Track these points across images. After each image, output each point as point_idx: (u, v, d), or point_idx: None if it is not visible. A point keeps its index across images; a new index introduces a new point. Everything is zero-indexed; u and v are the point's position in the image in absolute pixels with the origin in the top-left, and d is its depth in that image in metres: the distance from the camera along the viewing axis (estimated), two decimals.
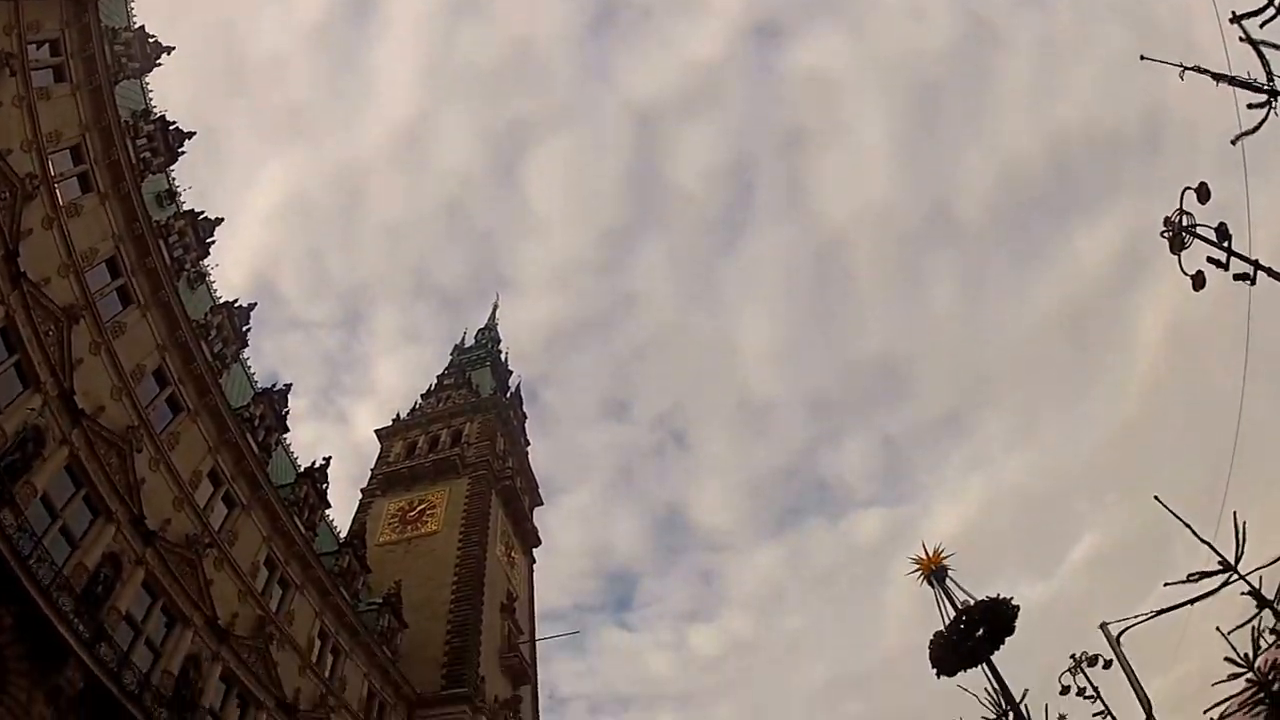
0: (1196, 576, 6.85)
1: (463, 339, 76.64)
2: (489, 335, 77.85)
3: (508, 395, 66.61)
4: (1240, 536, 6.79)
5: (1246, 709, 6.45)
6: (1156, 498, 7.74)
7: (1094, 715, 15.63)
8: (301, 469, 36.82)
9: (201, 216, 30.36)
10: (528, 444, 67.10)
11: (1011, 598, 11.65)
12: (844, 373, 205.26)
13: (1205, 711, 6.73)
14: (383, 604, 39.40)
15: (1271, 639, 6.57)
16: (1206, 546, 6.84)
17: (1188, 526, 7.10)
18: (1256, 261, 9.87)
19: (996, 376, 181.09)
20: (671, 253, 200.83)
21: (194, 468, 26.96)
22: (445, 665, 40.53)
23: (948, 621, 11.84)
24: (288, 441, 36.89)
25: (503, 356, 74.06)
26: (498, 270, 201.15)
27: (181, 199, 31.06)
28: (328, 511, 39.29)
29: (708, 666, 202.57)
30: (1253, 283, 10.81)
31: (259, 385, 35.54)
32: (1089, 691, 16.06)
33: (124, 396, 23.62)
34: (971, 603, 11.86)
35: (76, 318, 21.46)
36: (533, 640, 52.89)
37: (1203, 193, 8.55)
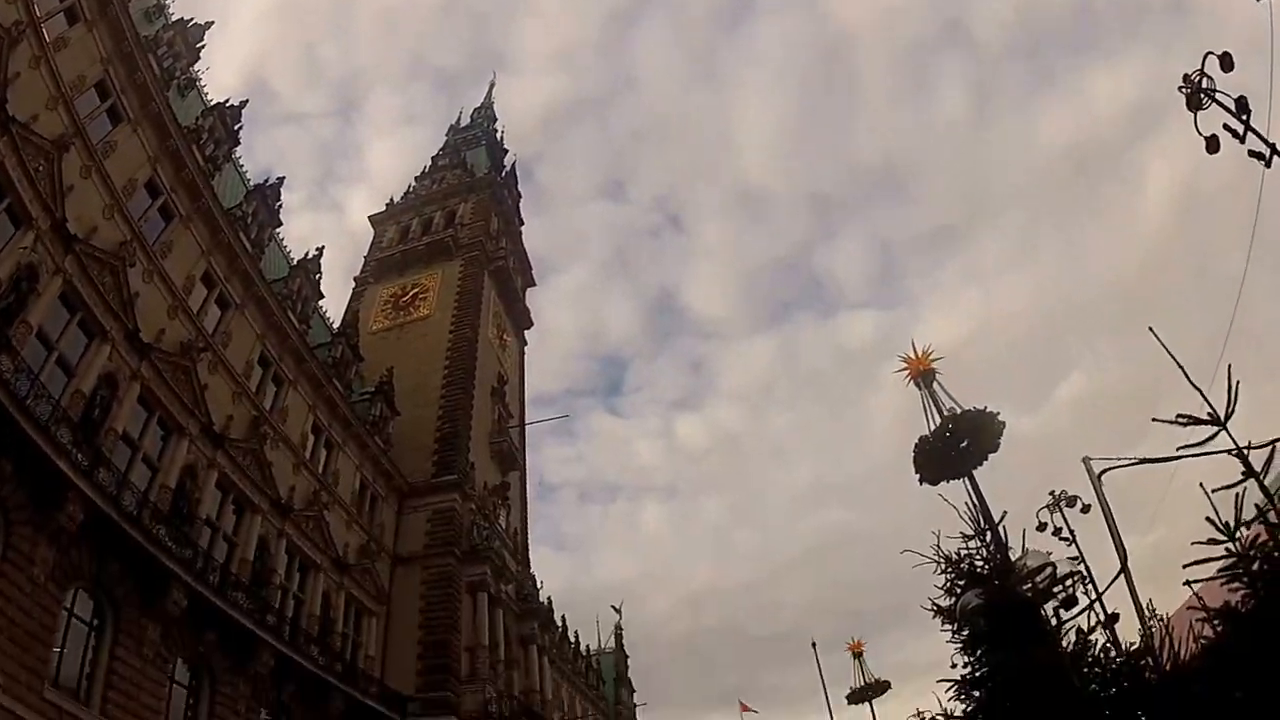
0: (1185, 420, 6.71)
1: (458, 119, 74.14)
2: (485, 115, 75.34)
3: (502, 175, 65.25)
4: (1233, 394, 6.66)
5: (1223, 582, 6.35)
6: (1151, 329, 7.49)
7: (1068, 558, 16.01)
8: (295, 262, 36.35)
9: (191, 23, 28.51)
10: (521, 224, 66.40)
11: (998, 413, 11.23)
12: (844, 171, 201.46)
13: (1185, 568, 6.67)
14: (375, 392, 39.84)
15: (1253, 513, 6.39)
16: (1199, 395, 6.73)
17: (1180, 367, 7.03)
18: (1274, 145, 9.67)
19: (999, 196, 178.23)
20: (675, 34, 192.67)
21: (187, 273, 26.45)
22: (435, 452, 41.33)
23: (933, 427, 11.56)
24: (281, 236, 36.24)
25: (498, 136, 72.02)
26: (495, 50, 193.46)
27: (170, 10, 29.07)
28: (321, 303, 39.11)
29: (694, 458, 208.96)
30: (1268, 165, 10.60)
31: (251, 183, 34.42)
32: (1065, 533, 16.49)
33: (115, 214, 22.75)
34: (959, 411, 11.51)
35: (66, 146, 20.44)
36: (522, 425, 53.95)
37: (1226, 61, 8.19)
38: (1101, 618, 10.50)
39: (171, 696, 21.27)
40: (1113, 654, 8.87)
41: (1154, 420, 6.95)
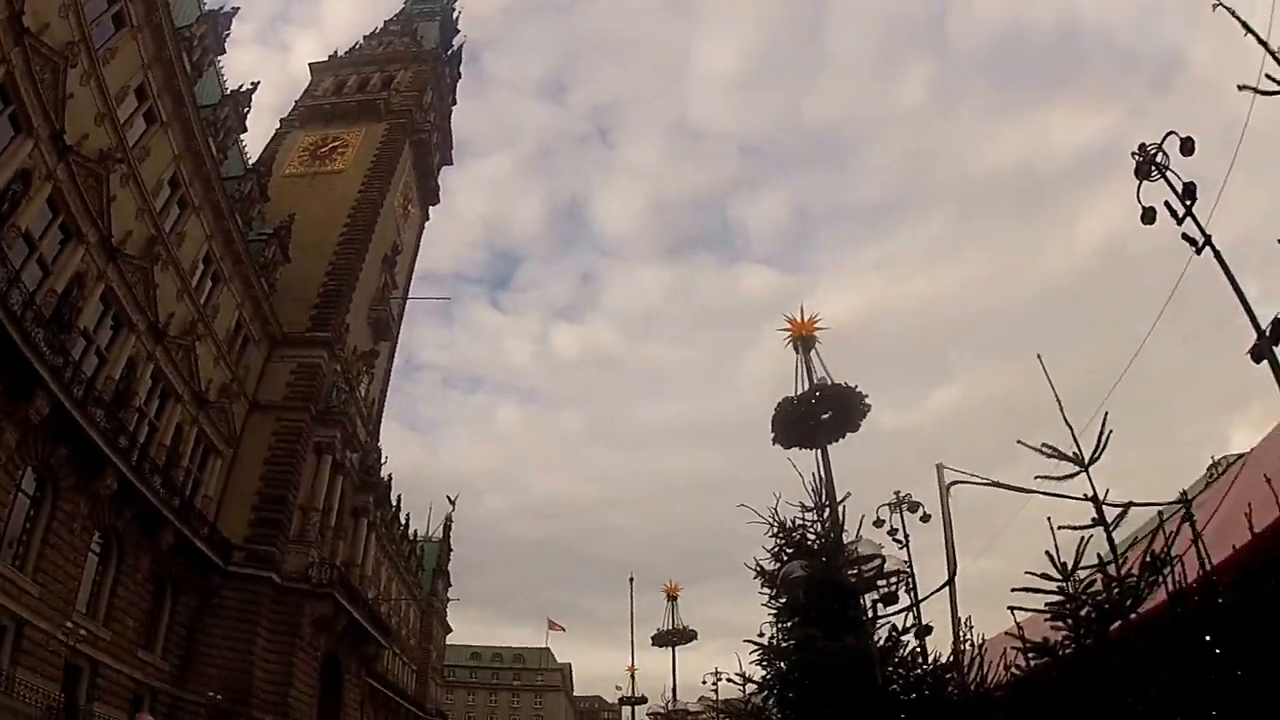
0: (1049, 451, 6.79)
1: None
2: None
3: (449, 52, 64.26)
4: (1103, 441, 6.72)
5: (1048, 618, 6.45)
6: (1039, 358, 7.60)
7: (898, 559, 15.79)
8: (228, 91, 35.56)
9: None
10: (454, 103, 65.58)
11: (866, 395, 11.19)
12: (786, 128, 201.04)
13: (1014, 592, 6.72)
14: (272, 235, 39.46)
15: (1094, 560, 6.49)
16: (1069, 433, 6.75)
17: (1058, 400, 6.99)
18: (1209, 236, 10.79)
19: (932, 194, 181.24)
20: None
21: (123, 83, 25.97)
22: (316, 307, 41.22)
23: (801, 392, 11.48)
24: (221, 64, 35.31)
25: (455, 15, 70.34)
26: None
27: None
28: (243, 137, 38.47)
29: (564, 369, 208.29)
30: (1198, 252, 11.88)
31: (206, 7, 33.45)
32: (900, 534, 16.66)
33: (70, 12, 22.29)
34: (828, 383, 11.46)
35: None
36: (405, 298, 54.12)
37: (1187, 146, 8.65)
38: (917, 624, 11.08)
39: (15, 504, 21.44)
40: (920, 661, 9.50)
41: (1019, 442, 6.98)
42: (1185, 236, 14.82)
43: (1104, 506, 6.44)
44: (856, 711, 8.41)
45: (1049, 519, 6.47)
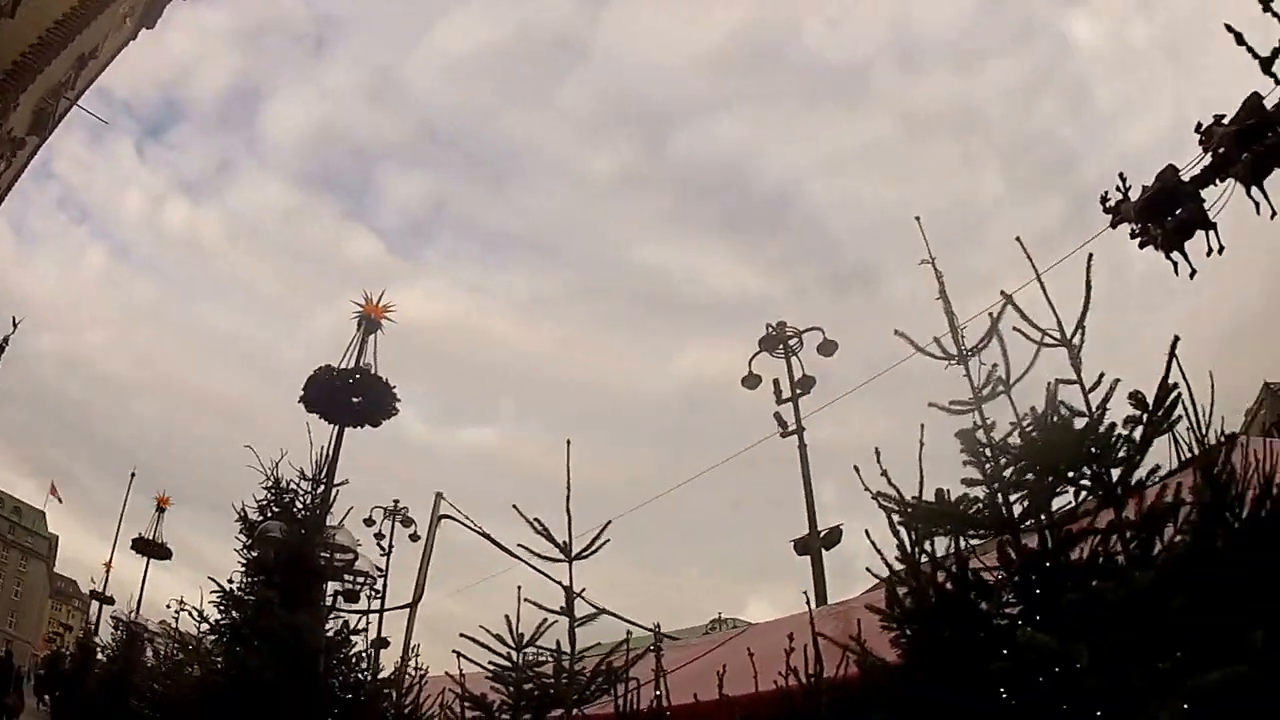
0: (539, 527, 6.95)
1: None
2: None
3: None
4: (595, 544, 7.02)
5: (490, 677, 6.68)
6: (569, 442, 7.60)
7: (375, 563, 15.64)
8: None
9: None
10: None
11: (399, 400, 11.22)
12: (480, 130, 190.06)
13: (460, 636, 6.75)
14: None
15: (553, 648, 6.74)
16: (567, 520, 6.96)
17: (568, 488, 6.98)
18: (803, 429, 11.99)
19: (561, 258, 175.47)
20: None
21: None
22: (6, 72, 37.65)
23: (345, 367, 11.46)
24: None
25: None
26: None
27: None
28: None
29: (163, 239, 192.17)
30: (782, 435, 13.81)
31: None
32: (386, 542, 17.10)
33: None
34: (371, 371, 11.49)
35: None
36: (74, 102, 49.68)
37: (827, 348, 10.25)
38: (378, 633, 11.42)
39: None
40: (365, 666, 9.67)
41: (514, 506, 7.08)
42: (777, 416, 16.81)
43: (575, 599, 6.91)
44: (292, 688, 8.54)
45: (519, 588, 6.76)
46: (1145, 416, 4.65)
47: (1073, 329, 4.85)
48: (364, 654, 9.95)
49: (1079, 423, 4.67)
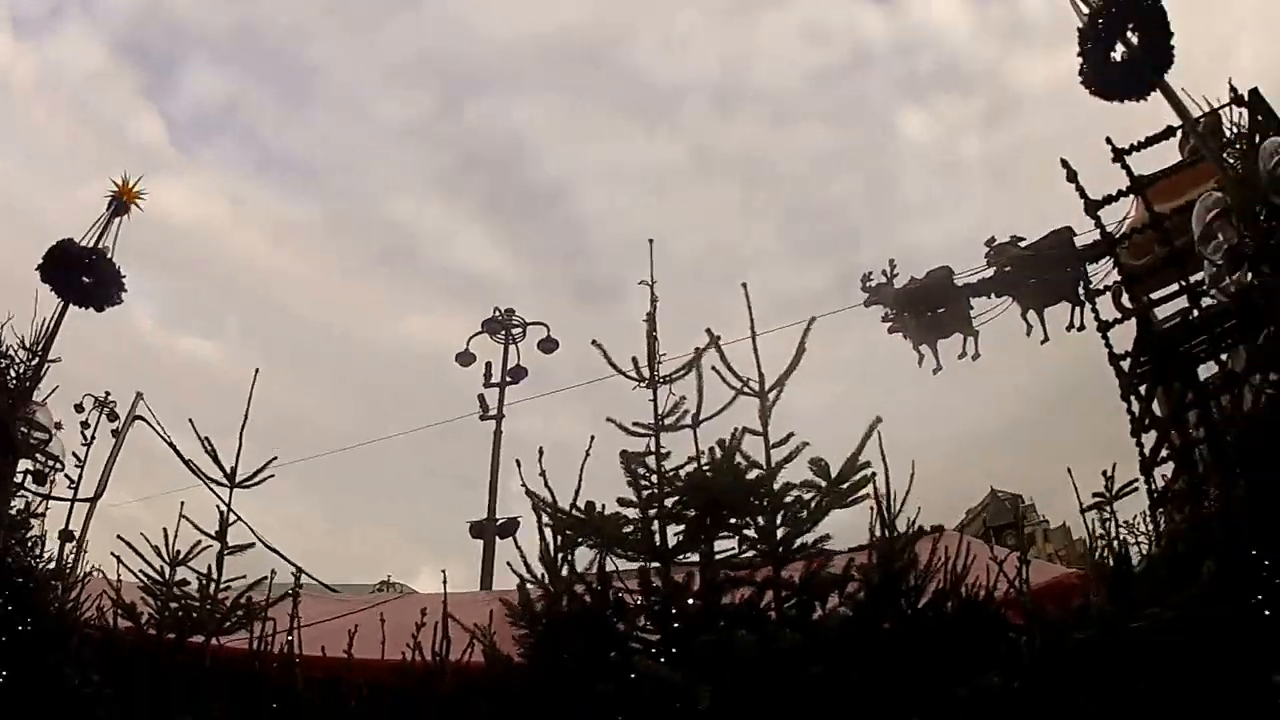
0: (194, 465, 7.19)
1: None
2: None
3: None
4: (260, 474, 7.11)
5: (142, 587, 6.66)
6: (257, 371, 7.70)
7: None
8: None
9: None
10: None
11: (125, 290, 10.62)
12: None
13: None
14: None
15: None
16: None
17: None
18: (502, 415, 11.93)
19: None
20: None
21: None
22: None
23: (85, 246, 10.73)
24: None
25: None
26: None
27: None
28: None
29: None
30: (481, 418, 13.26)
31: None
32: (91, 433, 15.99)
33: None
34: (108, 254, 10.64)
35: None
36: None
37: (547, 345, 10.34)
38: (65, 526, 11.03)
39: None
40: (34, 549, 8.71)
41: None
42: (481, 398, 16.81)
43: (229, 527, 6.90)
44: None
45: (181, 503, 6.80)
46: (825, 485, 4.78)
47: (771, 384, 4.94)
48: (40, 539, 9.40)
49: (753, 474, 4.72)
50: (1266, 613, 5.55)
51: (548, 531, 4.91)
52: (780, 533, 4.74)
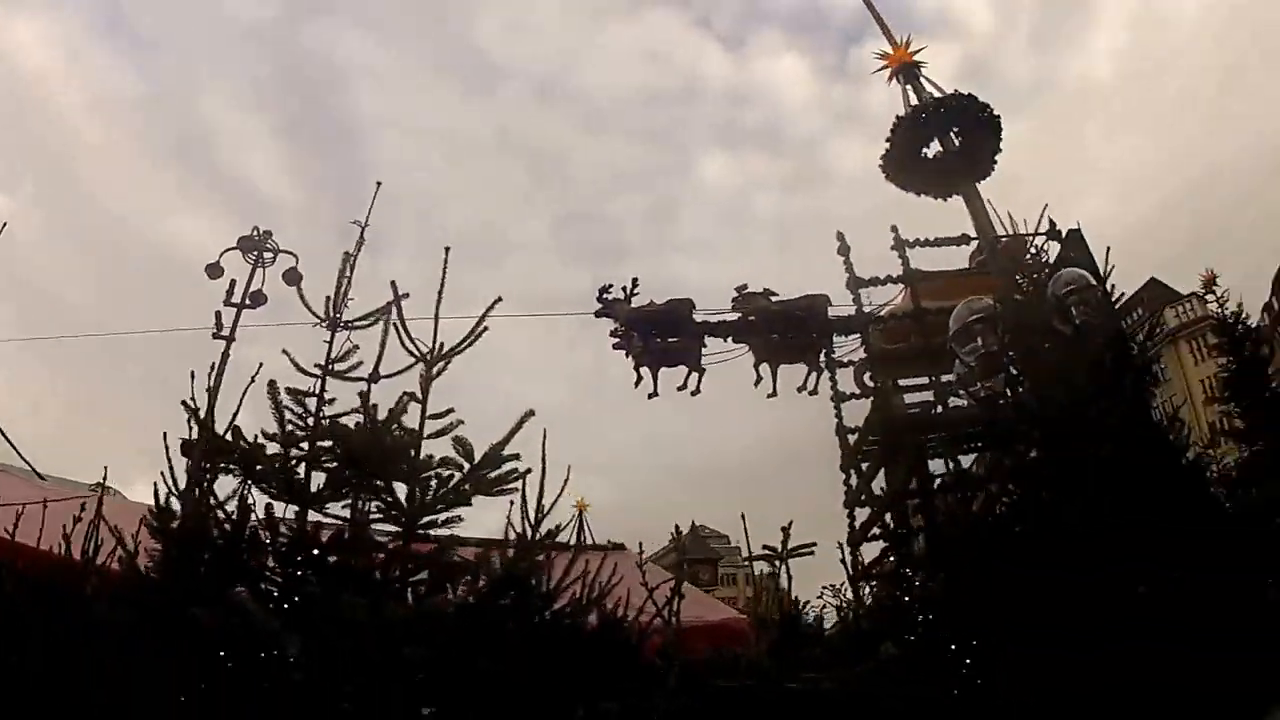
0: None
1: None
2: None
3: None
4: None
5: None
6: None
7: None
8: None
9: None
10: None
11: None
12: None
13: None
14: None
15: None
16: None
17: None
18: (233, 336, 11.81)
19: None
20: None
21: None
22: None
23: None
24: None
25: None
26: None
27: None
28: None
29: None
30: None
31: None
32: None
33: None
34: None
35: None
36: None
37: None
38: None
39: None
40: None
41: None
42: (217, 315, 16.09)
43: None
44: None
45: None
46: (469, 468, 4.80)
47: (440, 355, 4.97)
48: None
49: (391, 437, 4.73)
50: (955, 692, 5.77)
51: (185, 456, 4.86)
52: (416, 504, 4.74)
